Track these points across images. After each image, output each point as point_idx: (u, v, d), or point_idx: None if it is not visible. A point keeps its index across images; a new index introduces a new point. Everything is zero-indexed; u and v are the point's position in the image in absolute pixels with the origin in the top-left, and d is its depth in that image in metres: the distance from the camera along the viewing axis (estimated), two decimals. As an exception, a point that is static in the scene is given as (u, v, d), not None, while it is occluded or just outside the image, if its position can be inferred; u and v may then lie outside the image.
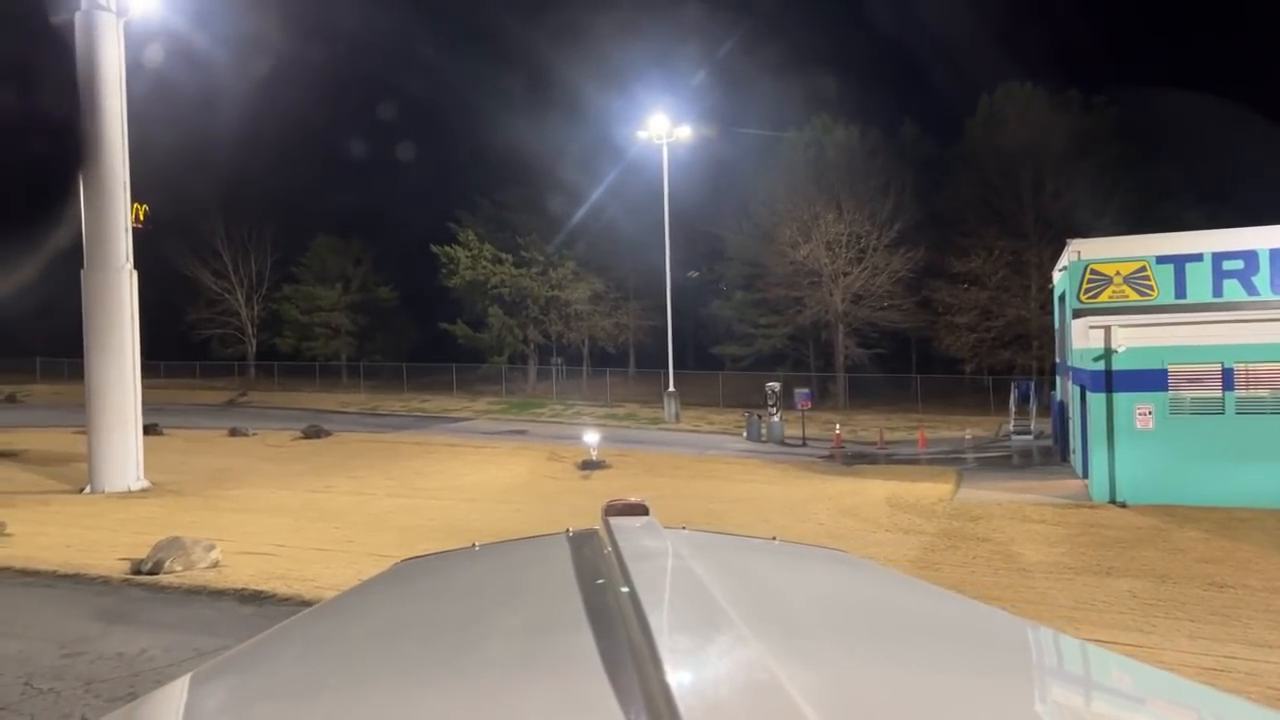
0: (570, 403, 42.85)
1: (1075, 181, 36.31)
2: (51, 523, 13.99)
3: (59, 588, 8.83)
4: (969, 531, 14.06)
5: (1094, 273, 18.40)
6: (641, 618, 1.27)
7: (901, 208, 37.82)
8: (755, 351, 43.12)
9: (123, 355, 19.29)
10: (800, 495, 17.95)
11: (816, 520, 15.39)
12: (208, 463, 22.70)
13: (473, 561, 2.19)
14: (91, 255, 19.17)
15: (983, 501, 16.02)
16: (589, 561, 1.82)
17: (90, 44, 19.03)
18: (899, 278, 38.45)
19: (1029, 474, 19.91)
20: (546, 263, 47.39)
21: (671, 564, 1.68)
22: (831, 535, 14.41)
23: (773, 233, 38.81)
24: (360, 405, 42.27)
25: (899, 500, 16.53)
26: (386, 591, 2.05)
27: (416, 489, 19.75)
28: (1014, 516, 14.84)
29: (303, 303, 54.71)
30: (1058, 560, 12.39)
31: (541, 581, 1.89)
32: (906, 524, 14.73)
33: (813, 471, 21.71)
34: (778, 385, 28.55)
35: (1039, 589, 11.10)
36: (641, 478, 21.04)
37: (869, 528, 14.63)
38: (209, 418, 34.68)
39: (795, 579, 2.03)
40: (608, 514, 2.04)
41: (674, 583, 1.58)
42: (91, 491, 18.49)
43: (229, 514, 15.98)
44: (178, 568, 9.28)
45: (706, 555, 1.90)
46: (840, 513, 15.81)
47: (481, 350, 49.63)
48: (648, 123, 35.08)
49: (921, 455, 25.22)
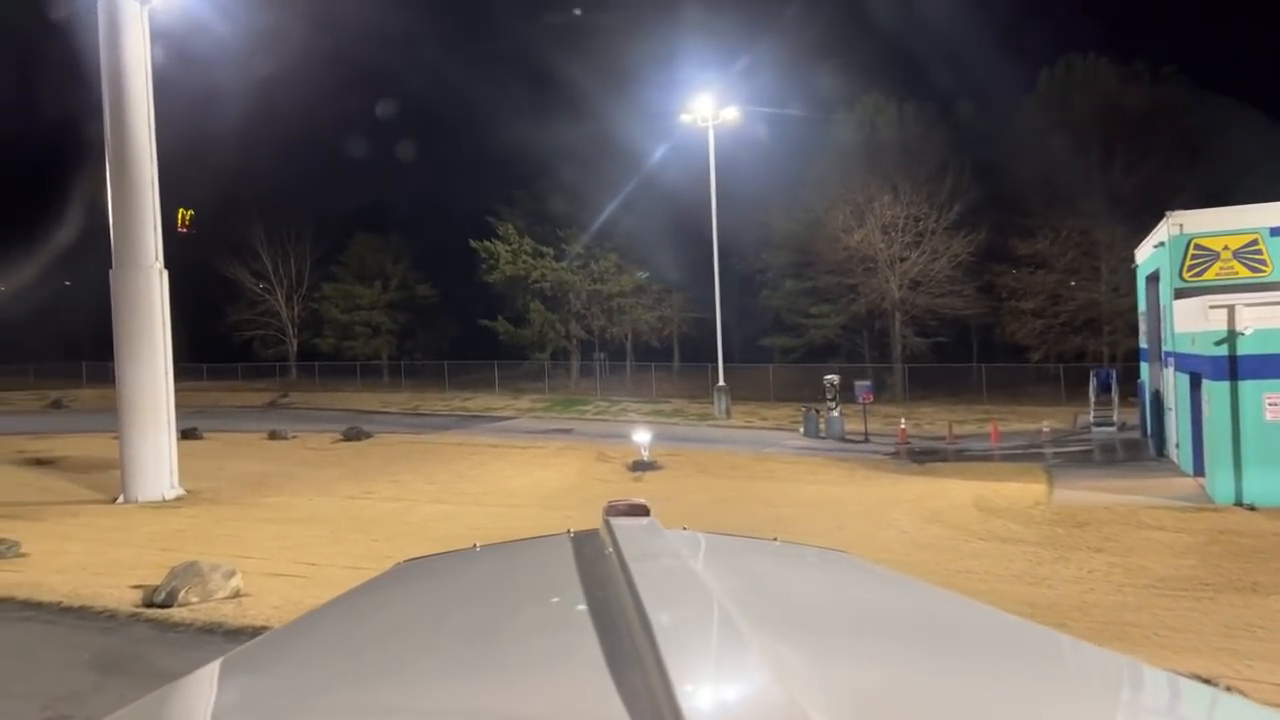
0: (615, 399, 41.64)
1: (1149, 155, 34.11)
2: (75, 538, 13.10)
3: (60, 624, 7.77)
4: (1078, 540, 12.50)
5: (1199, 248, 16.66)
6: (643, 618, 1.27)
7: (961, 188, 35.90)
8: (806, 343, 41.46)
9: (154, 358, 18.43)
10: (874, 498, 16.48)
11: (898, 527, 13.94)
12: (245, 468, 21.88)
13: (474, 562, 2.19)
14: (120, 254, 18.35)
15: (1085, 504, 14.40)
16: (590, 562, 1.82)
17: (114, 34, 18.17)
18: (959, 262, 36.52)
19: (1126, 471, 18.16)
20: (588, 255, 46.22)
21: (673, 565, 1.65)
22: (918, 545, 12.97)
23: (824, 218, 37.11)
24: (401, 405, 41.51)
25: (988, 503, 14.97)
26: (388, 592, 2.04)
27: (460, 493, 18.67)
28: (1126, 522, 13.22)
29: (342, 302, 54.23)
30: (1190, 574, 10.81)
31: (543, 582, 1.90)
32: (1003, 531, 13.21)
33: (882, 470, 20.18)
34: (836, 378, 26.95)
35: (1176, 610, 9.56)
36: (696, 479, 19.70)
37: (960, 536, 13.14)
38: (250, 420, 34.09)
39: (796, 579, 2.04)
40: (609, 514, 2.02)
41: (675, 583, 1.54)
42: (124, 501, 17.69)
43: (263, 524, 15.02)
44: (193, 599, 8.18)
45: (708, 556, 2.03)
46: (923, 518, 14.32)
47: (523, 346, 48.69)
48: (691, 105, 33.54)
49: (995, 450, 23.49)
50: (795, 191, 38.01)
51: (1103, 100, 35.64)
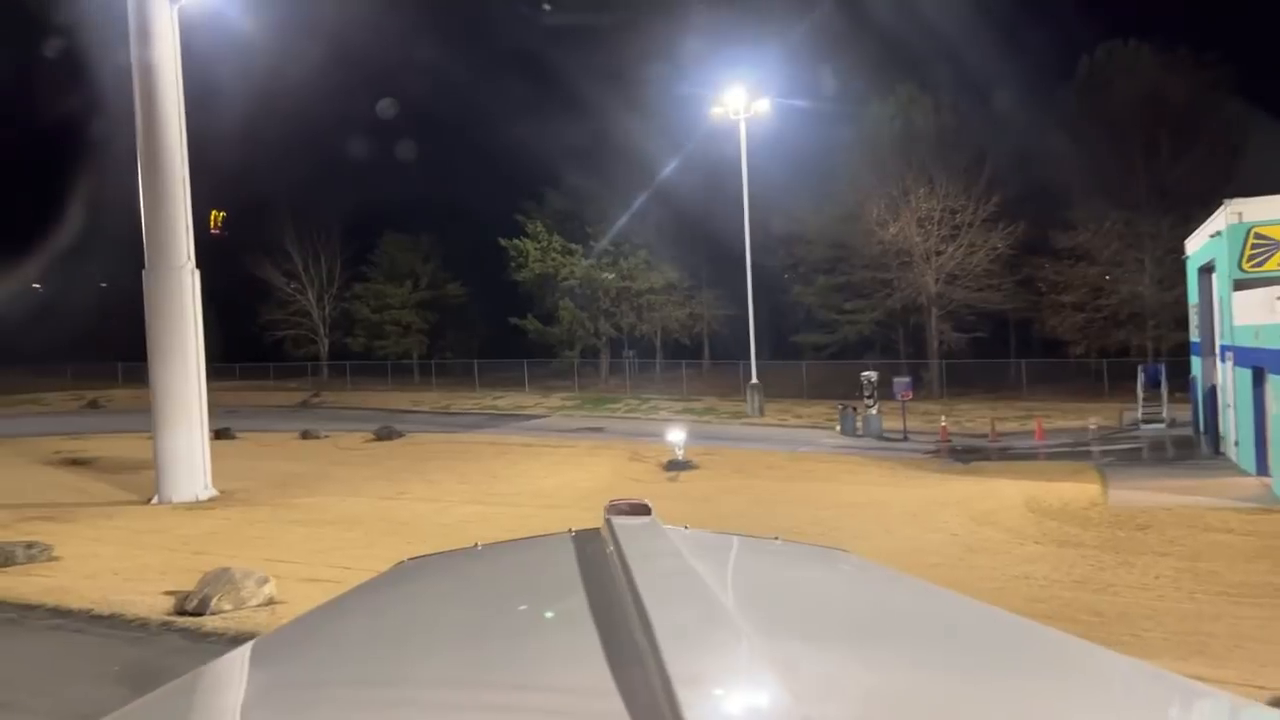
0: (645, 397, 41.29)
1: (1194, 145, 33.09)
2: (107, 541, 12.95)
3: (89, 633, 7.54)
4: (1140, 544, 11.91)
5: (1259, 237, 15.94)
6: (644, 617, 1.27)
7: (998, 180, 35.05)
8: (839, 339, 40.78)
9: (186, 358, 18.32)
10: (920, 499, 15.94)
11: (948, 530, 13.41)
12: (278, 468, 21.76)
13: (475, 561, 2.18)
14: (151, 254, 18.25)
15: (1144, 505, 13.78)
16: (592, 561, 1.81)
17: (144, 31, 18.07)
18: (997, 255, 35.67)
19: (1182, 470, 17.47)
20: (617, 252, 45.85)
21: (674, 564, 1.65)
22: (969, 549, 12.45)
23: (858, 211, 36.40)
24: (432, 404, 41.45)
25: (1041, 504, 14.39)
26: (388, 592, 2.02)
27: (493, 494, 18.38)
28: (1190, 524, 12.60)
29: (373, 301, 54.34)
30: (1265, 580, 10.21)
31: (544, 581, 1.89)
32: (1059, 534, 12.64)
33: (925, 470, 19.61)
34: (874, 374, 26.34)
35: (1255, 618, 8.99)
36: (733, 479, 19.26)
37: (1014, 538, 12.59)
38: (282, 419, 34.14)
39: (797, 578, 2.03)
40: (610, 513, 2.01)
41: (677, 583, 1.54)
42: (159, 502, 17.59)
43: (296, 526, 14.81)
44: (226, 606, 7.92)
45: (709, 555, 1.93)
46: (974, 520, 13.77)
47: (552, 345, 48.48)
48: (723, 98, 32.99)
49: (1040, 449, 22.84)
50: (828, 185, 37.33)
51: (1145, 88, 34.59)
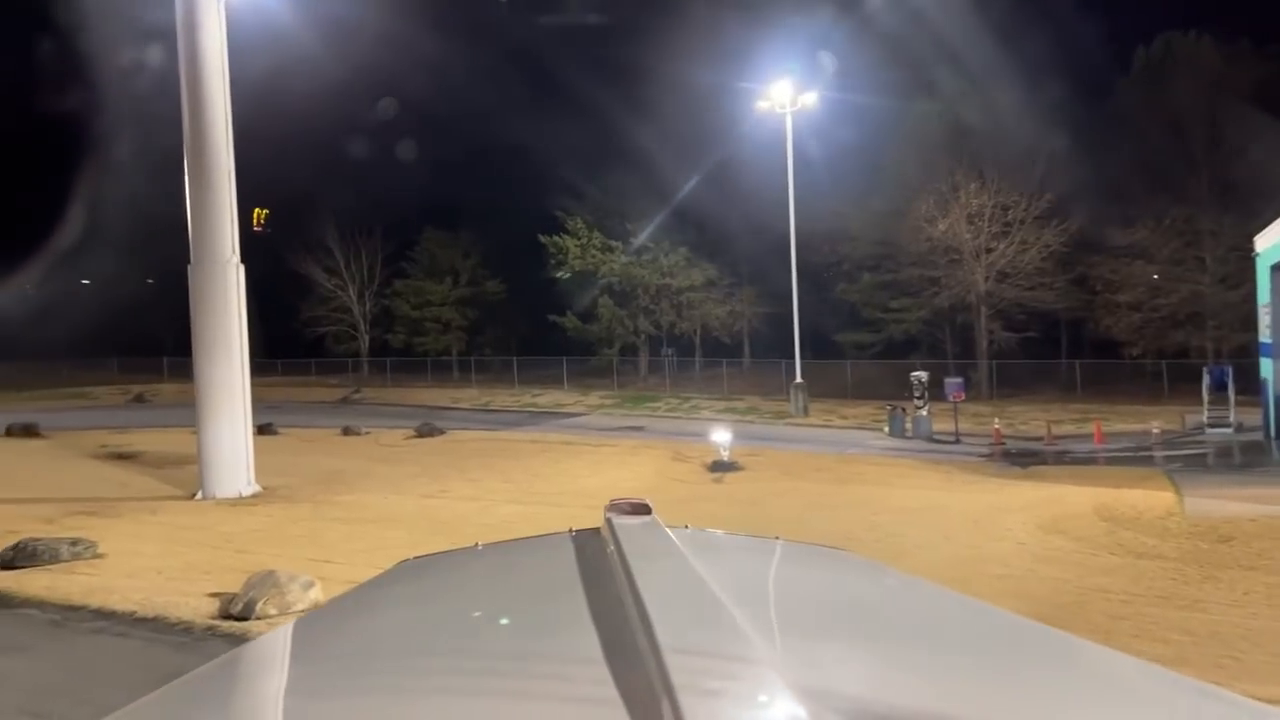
0: (685, 396, 40.83)
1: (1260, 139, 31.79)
2: (151, 537, 12.81)
3: (132, 637, 7.28)
4: (1224, 557, 11.21)
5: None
6: (644, 617, 1.27)
7: (1052, 175, 34.00)
8: (884, 338, 39.95)
9: (230, 353, 18.24)
10: (980, 504, 15.29)
11: (1013, 538, 12.79)
12: (320, 464, 21.66)
13: (475, 561, 2.18)
14: (197, 249, 18.18)
15: (1225, 515, 13.03)
16: (592, 560, 1.81)
17: (190, 22, 18.02)
18: (1050, 252, 34.61)
19: (1257, 477, 16.63)
20: (658, 249, 45.42)
21: (674, 563, 1.66)
22: (1039, 559, 11.82)
23: (905, 208, 35.56)
24: (471, 401, 41.36)
25: (1112, 512, 13.68)
26: (388, 592, 2.01)
27: (536, 493, 18.06)
28: (1276, 536, 11.86)
29: (413, 298, 54.47)
30: (1368, 598, 9.50)
31: (544, 581, 1.89)
32: (1135, 545, 11.96)
33: (981, 474, 18.92)
34: (925, 374, 25.60)
35: (1364, 642, 8.32)
36: (781, 481, 18.72)
37: (1086, 549, 11.94)
38: (323, 415, 34.22)
39: (798, 578, 2.03)
40: (610, 512, 2.01)
41: (677, 582, 1.55)
42: (203, 497, 17.53)
43: (338, 524, 14.58)
44: (271, 610, 7.63)
45: (709, 555, 1.95)
46: (1041, 528, 13.13)
47: (590, 342, 48.21)
48: (769, 91, 32.36)
49: (1100, 452, 21.99)
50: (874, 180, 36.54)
51: (1206, 80, 33.38)
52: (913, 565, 11.41)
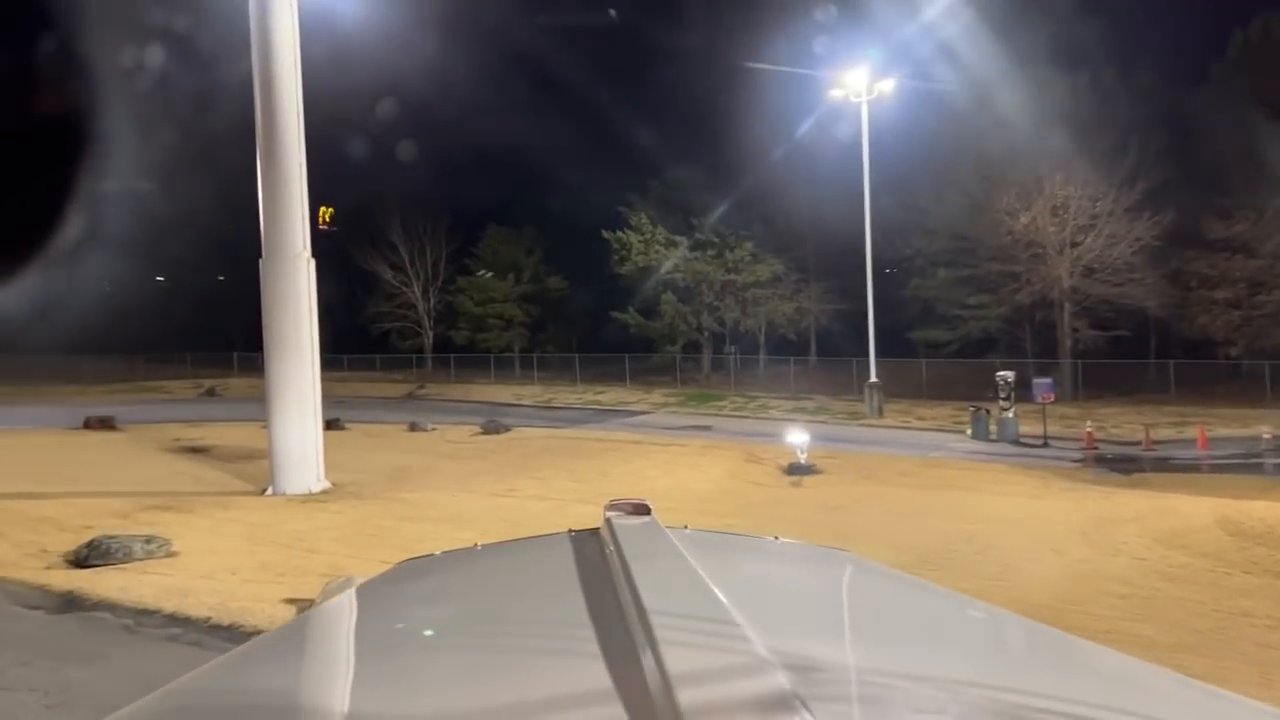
0: (751, 394, 39.95)
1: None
2: (223, 534, 12.59)
3: (207, 646, 6.91)
4: (1379, 578, 10.09)
5: None
6: (644, 617, 1.27)
7: (1144, 165, 32.24)
8: (961, 336, 38.47)
9: (301, 347, 18.07)
10: (1084, 514, 14.24)
11: (1130, 552, 11.78)
12: (387, 460, 21.47)
13: (474, 561, 2.18)
14: (269, 242, 18.06)
15: (1370, 532, 11.84)
16: (591, 561, 1.81)
17: (264, 20, 17.88)
18: (1141, 246, 32.83)
19: (1396, 490, 15.22)
20: (722, 244, 44.57)
21: (674, 564, 1.65)
22: (1163, 576, 10.81)
23: (985, 201, 34.11)
24: (534, 398, 41.13)
25: (1238, 526, 12.57)
26: (387, 591, 2.00)
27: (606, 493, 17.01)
28: None
29: (476, 294, 54.58)
30: None
31: (543, 581, 1.89)
32: (1271, 563, 10.89)
33: (1078, 480, 17.78)
34: (1011, 374, 24.39)
35: None
36: (862, 486, 17.85)
37: (1216, 566, 10.90)
38: (389, 411, 34.30)
39: (798, 578, 2.05)
40: (610, 512, 2.01)
41: (676, 582, 1.54)
42: (273, 493, 17.40)
43: (408, 523, 14.22)
44: (348, 621, 7.14)
45: (709, 555, 1.91)
46: (1159, 542, 12.09)
47: (652, 339, 47.61)
48: (843, 79, 31.30)
49: (1205, 459, 20.60)
50: (953, 172, 35.13)
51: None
52: (1024, 582, 10.49)
